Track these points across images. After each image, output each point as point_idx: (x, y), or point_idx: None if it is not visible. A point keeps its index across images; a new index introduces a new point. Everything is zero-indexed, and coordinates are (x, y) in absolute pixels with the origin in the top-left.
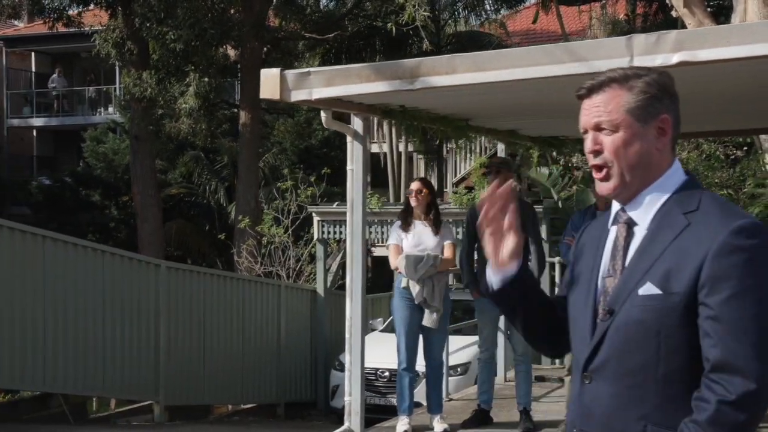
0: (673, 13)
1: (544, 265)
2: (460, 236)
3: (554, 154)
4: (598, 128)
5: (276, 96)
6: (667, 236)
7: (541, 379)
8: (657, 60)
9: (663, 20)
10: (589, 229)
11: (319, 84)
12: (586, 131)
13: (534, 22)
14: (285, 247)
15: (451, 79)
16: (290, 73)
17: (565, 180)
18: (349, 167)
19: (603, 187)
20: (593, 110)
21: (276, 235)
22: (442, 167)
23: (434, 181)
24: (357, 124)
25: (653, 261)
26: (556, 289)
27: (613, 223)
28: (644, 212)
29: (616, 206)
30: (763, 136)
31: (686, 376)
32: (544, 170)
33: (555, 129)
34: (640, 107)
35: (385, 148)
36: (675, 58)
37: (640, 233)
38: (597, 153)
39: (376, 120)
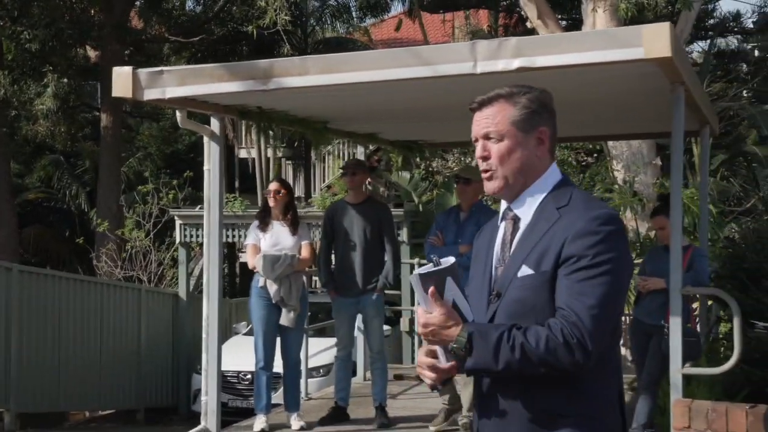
0: (528, 24)
1: (399, 265)
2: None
3: (417, 159)
4: (486, 137)
5: (128, 94)
6: (543, 228)
7: (399, 377)
8: (499, 65)
9: (522, 31)
10: (484, 229)
11: (173, 83)
12: (476, 140)
13: (397, 29)
14: (147, 251)
15: (304, 80)
16: (143, 72)
17: (426, 184)
18: (206, 167)
19: (488, 188)
20: (483, 122)
21: (137, 239)
22: (310, 173)
23: (302, 187)
24: (214, 124)
25: (530, 249)
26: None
27: (501, 220)
28: (527, 209)
29: (503, 206)
30: (611, 143)
31: None
32: (406, 174)
33: (412, 133)
34: (523, 120)
35: (254, 153)
36: (515, 64)
37: (523, 227)
38: (485, 158)
39: (244, 126)
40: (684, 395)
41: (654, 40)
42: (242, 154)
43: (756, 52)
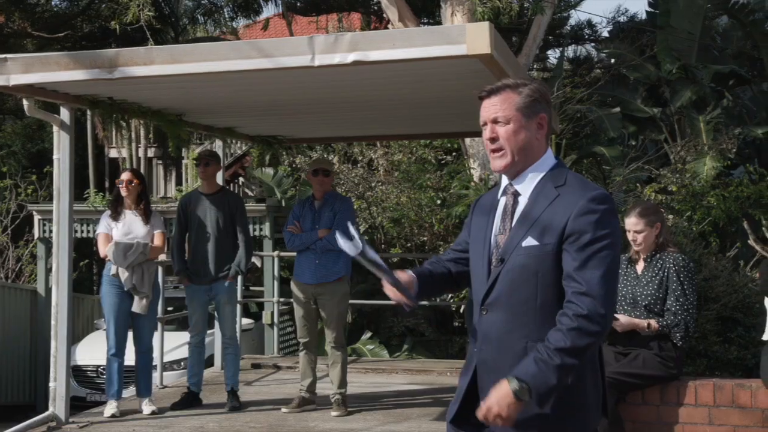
0: (390, 27)
1: (251, 254)
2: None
3: (284, 154)
4: (495, 121)
5: None
6: (543, 204)
7: (257, 366)
8: (336, 58)
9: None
10: (480, 201)
11: (17, 70)
12: (485, 123)
13: (264, 29)
14: (4, 248)
15: (149, 69)
16: None
17: (291, 180)
18: (55, 156)
19: (498, 164)
20: (491, 108)
21: None
22: (181, 173)
23: (173, 187)
24: (64, 114)
25: (533, 222)
26: (275, 284)
27: (502, 195)
28: (526, 186)
29: (504, 183)
30: (468, 141)
31: (556, 305)
32: (269, 170)
33: (272, 128)
34: (527, 106)
35: (125, 153)
36: (350, 57)
37: (523, 201)
38: (494, 140)
39: (114, 125)
40: None
41: (475, 38)
42: (113, 153)
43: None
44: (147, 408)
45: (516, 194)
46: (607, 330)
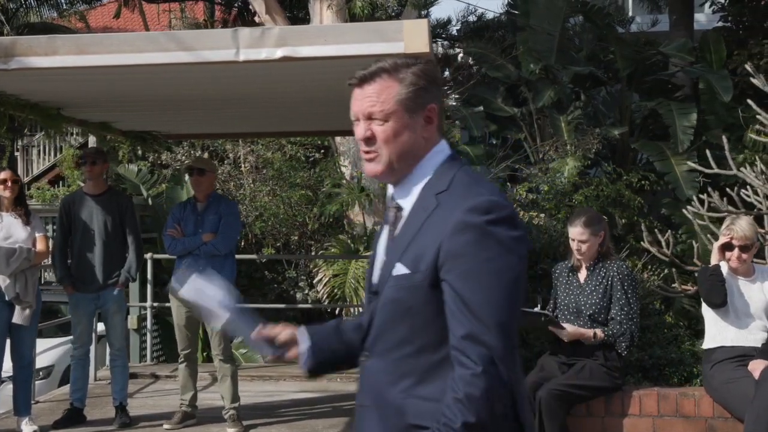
0: (257, 19)
1: (143, 257)
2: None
3: (139, 150)
4: (369, 117)
5: None
6: (420, 218)
7: (133, 376)
8: (262, 53)
9: (242, 26)
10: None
11: None
12: (357, 119)
13: (116, 16)
14: None
15: (52, 60)
16: None
17: (155, 177)
18: None
19: (370, 170)
20: (366, 100)
21: None
22: (14, 164)
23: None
24: None
25: (407, 244)
26: (148, 287)
27: (388, 208)
28: (408, 197)
29: (389, 193)
30: (338, 140)
31: (438, 348)
32: (133, 167)
33: (148, 124)
34: (411, 98)
35: None
36: (279, 53)
37: (404, 217)
38: (369, 140)
39: None
40: None
41: (413, 35)
42: None
43: (459, 57)
44: (27, 428)
45: (398, 208)
46: (512, 368)
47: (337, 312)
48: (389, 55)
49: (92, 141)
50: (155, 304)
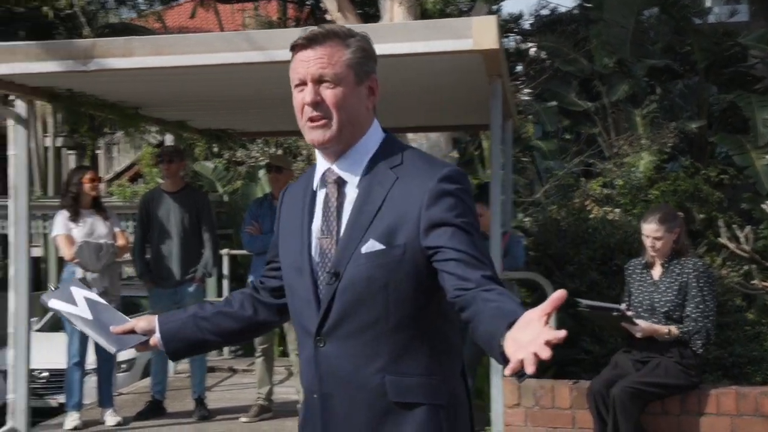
0: (328, 17)
1: (218, 253)
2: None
3: (216, 148)
4: (320, 81)
5: None
6: (380, 193)
7: (211, 369)
8: None
9: (314, 24)
10: (288, 193)
11: None
12: (303, 83)
13: (192, 16)
14: None
15: (129, 61)
16: None
17: (230, 174)
18: (11, 152)
19: (317, 137)
20: (317, 62)
21: None
22: (96, 163)
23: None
24: (20, 107)
25: (371, 218)
26: (225, 282)
27: (320, 186)
28: (352, 171)
29: (321, 168)
30: (410, 136)
31: (414, 324)
32: (209, 164)
33: (222, 122)
34: (359, 64)
35: (31, 143)
36: None
37: (351, 192)
38: (317, 105)
39: (72, 118)
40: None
41: (482, 32)
42: None
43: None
44: (111, 419)
45: (340, 183)
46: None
47: None
48: (458, 53)
49: (169, 139)
50: None
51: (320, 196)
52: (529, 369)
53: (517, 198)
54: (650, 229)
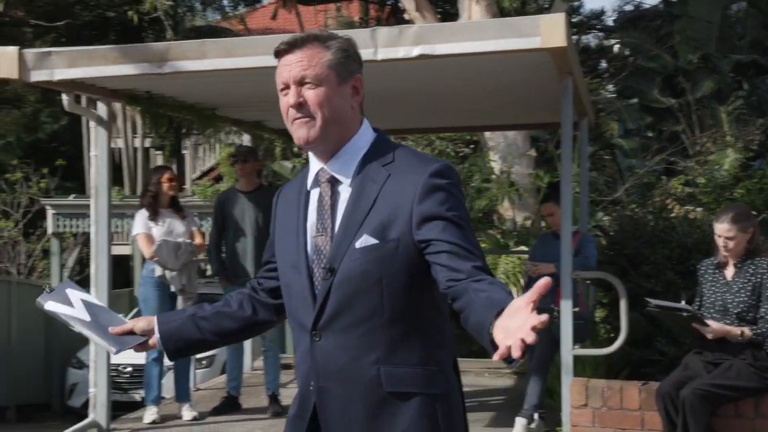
0: (406, 16)
1: None
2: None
3: (295, 148)
4: (301, 82)
5: (14, 75)
6: (373, 189)
7: (286, 366)
8: (400, 52)
9: (395, 24)
10: (283, 194)
11: (62, 65)
12: (287, 86)
13: (273, 18)
14: (15, 243)
15: (202, 64)
16: (29, 52)
17: None
18: (92, 153)
19: (302, 136)
20: (298, 65)
21: (6, 228)
22: (182, 163)
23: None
24: (101, 109)
25: (365, 214)
26: None
27: (313, 186)
28: (345, 170)
29: (314, 169)
30: (487, 135)
31: (408, 317)
32: (287, 164)
33: None
34: (341, 64)
35: (120, 143)
36: (416, 51)
37: (344, 190)
38: (300, 106)
39: (150, 120)
40: (573, 376)
41: (550, 30)
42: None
43: (616, 48)
44: (187, 414)
45: (333, 182)
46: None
47: None
48: (526, 51)
49: (246, 139)
50: None
51: (314, 195)
52: (516, 354)
53: (597, 197)
54: (723, 229)
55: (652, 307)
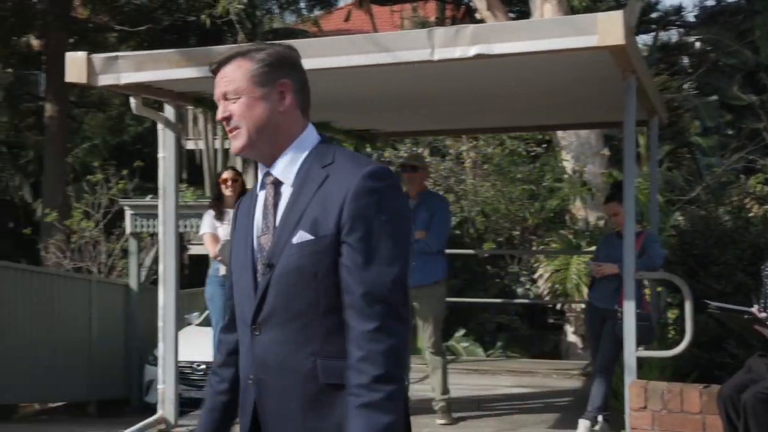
0: (477, 15)
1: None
2: None
3: (368, 148)
4: (225, 97)
5: (83, 80)
6: (311, 189)
7: None
8: (456, 52)
9: (470, 23)
10: (242, 204)
11: (128, 68)
12: (219, 102)
13: (347, 20)
14: (96, 242)
15: None
16: (97, 57)
17: None
18: (160, 155)
19: (234, 147)
20: (222, 81)
21: (87, 229)
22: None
23: (251, 176)
24: (169, 111)
25: (302, 212)
26: None
27: (261, 188)
28: (287, 171)
29: (260, 173)
30: (560, 134)
31: (341, 310)
32: None
33: (365, 122)
34: (260, 74)
35: (201, 144)
36: (472, 51)
37: (286, 191)
38: (227, 120)
39: (191, 116)
40: (637, 378)
41: (608, 28)
42: (190, 145)
43: (697, 45)
44: None
45: (276, 183)
46: (409, 325)
47: (558, 307)
48: (583, 50)
49: None
50: None
51: (260, 197)
52: None
53: (674, 197)
54: None
55: (712, 309)
